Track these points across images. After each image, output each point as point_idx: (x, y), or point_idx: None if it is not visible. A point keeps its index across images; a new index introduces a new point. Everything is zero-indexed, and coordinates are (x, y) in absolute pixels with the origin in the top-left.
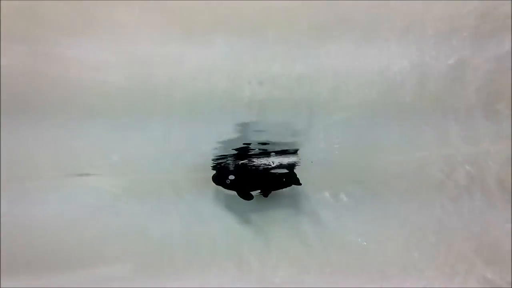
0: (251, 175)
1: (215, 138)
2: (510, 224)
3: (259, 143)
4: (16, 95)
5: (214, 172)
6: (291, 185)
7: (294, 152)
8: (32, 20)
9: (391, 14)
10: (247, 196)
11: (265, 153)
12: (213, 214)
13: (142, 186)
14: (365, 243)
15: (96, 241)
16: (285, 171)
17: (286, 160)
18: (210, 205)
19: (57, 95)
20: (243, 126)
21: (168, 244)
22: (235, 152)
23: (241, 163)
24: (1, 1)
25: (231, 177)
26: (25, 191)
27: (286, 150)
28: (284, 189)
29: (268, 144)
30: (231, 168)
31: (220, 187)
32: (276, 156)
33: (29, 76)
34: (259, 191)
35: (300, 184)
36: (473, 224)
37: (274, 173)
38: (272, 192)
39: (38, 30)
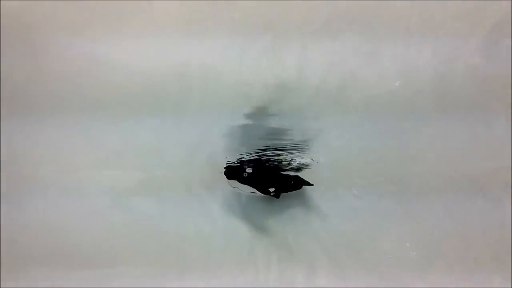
0: (267, 171)
1: (224, 133)
2: (510, 224)
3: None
4: (16, 94)
5: (227, 167)
6: (301, 187)
7: (306, 148)
8: (32, 20)
9: (395, 14)
10: (266, 191)
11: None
12: (220, 213)
13: (144, 184)
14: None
15: (102, 239)
16: (296, 173)
17: (300, 157)
18: (218, 203)
19: (58, 94)
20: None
21: (169, 244)
22: (248, 147)
23: (256, 158)
24: (1, 1)
25: (249, 170)
26: (26, 191)
27: (298, 146)
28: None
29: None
30: (245, 163)
31: (229, 183)
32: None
33: (29, 76)
34: (273, 190)
35: (312, 185)
36: (473, 224)
37: (285, 175)
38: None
39: (38, 30)
